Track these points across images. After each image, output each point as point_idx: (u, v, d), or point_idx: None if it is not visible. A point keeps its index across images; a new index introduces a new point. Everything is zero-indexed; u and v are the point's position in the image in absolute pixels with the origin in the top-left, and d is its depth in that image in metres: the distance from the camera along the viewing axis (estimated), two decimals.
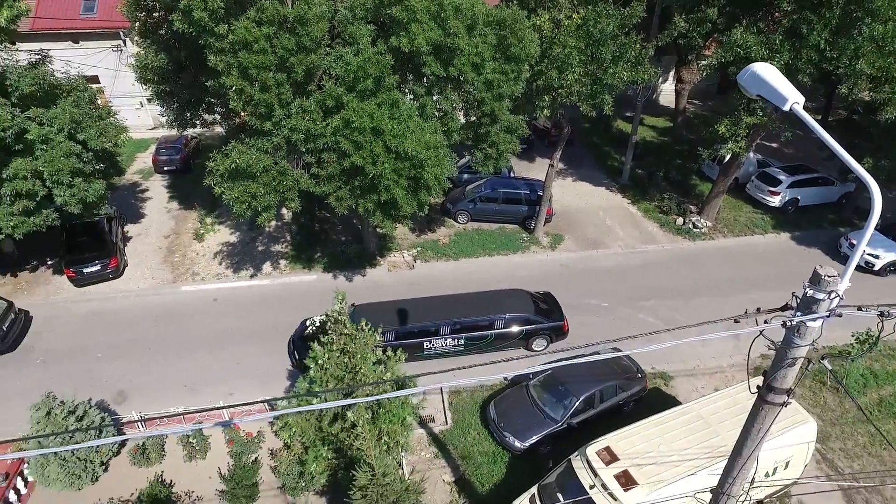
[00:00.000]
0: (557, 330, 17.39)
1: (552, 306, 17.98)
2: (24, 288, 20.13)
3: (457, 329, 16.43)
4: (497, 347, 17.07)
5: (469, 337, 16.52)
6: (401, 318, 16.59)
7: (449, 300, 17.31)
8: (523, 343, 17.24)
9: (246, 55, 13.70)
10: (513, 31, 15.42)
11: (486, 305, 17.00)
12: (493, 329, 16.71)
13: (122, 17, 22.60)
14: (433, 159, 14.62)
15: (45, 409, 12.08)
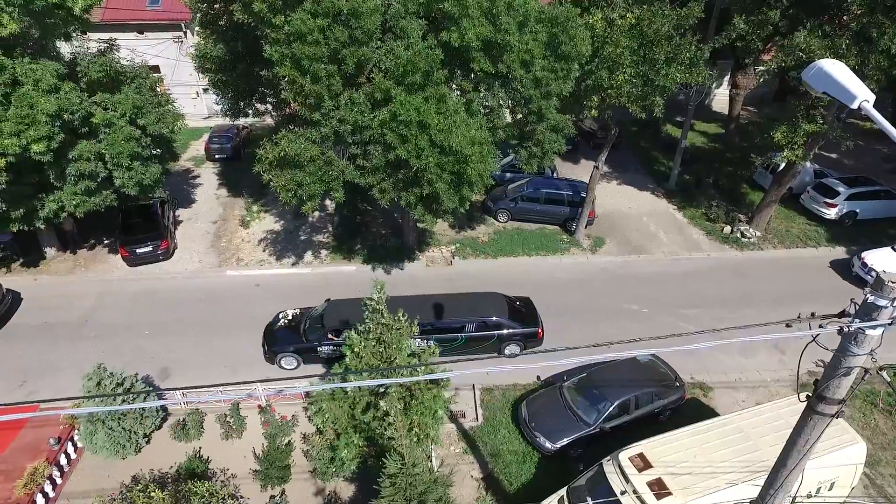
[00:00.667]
0: (530, 336, 16.88)
1: (528, 312, 17.48)
2: (81, 265, 21.18)
3: (427, 330, 15.91)
4: (469, 350, 16.73)
5: (438, 339, 15.84)
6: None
7: (423, 300, 16.83)
8: (496, 347, 16.85)
9: (300, 46, 14.02)
10: (564, 29, 15.26)
11: (460, 307, 16.66)
12: (464, 332, 16.41)
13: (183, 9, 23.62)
14: (477, 155, 14.61)
15: (96, 378, 12.68)
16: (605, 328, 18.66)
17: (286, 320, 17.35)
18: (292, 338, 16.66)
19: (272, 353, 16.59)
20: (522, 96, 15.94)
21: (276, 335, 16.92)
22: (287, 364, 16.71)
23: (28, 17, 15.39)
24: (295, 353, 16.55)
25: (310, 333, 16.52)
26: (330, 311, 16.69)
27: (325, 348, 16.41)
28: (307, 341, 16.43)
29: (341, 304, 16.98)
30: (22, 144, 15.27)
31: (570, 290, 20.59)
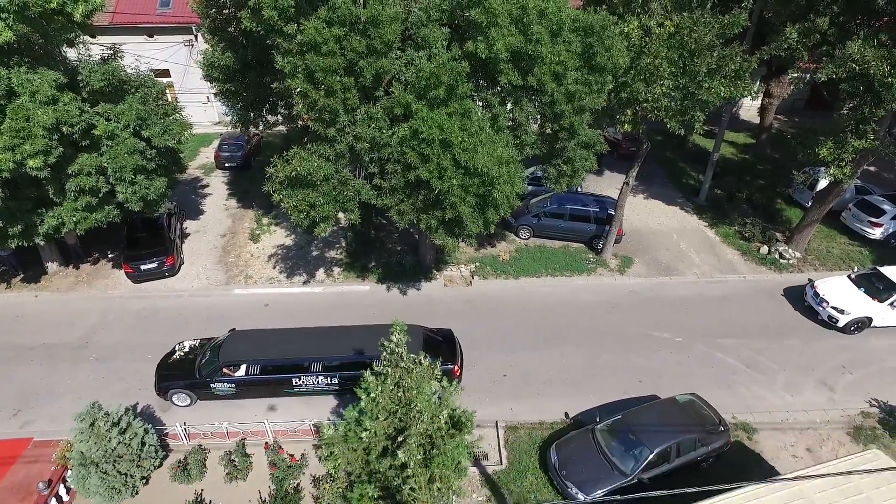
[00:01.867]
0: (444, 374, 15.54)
1: (447, 347, 15.84)
2: (84, 280, 20.25)
3: (332, 366, 14.85)
4: None
5: (344, 376, 14.85)
6: (274, 349, 15.03)
7: (331, 332, 15.56)
8: None
9: (313, 57, 12.91)
10: (600, 39, 14.01)
11: (369, 341, 14.74)
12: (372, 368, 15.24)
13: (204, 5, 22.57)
14: (505, 176, 13.41)
15: (90, 419, 11.65)
16: (636, 358, 17.39)
17: (182, 352, 15.89)
18: (185, 372, 15.18)
19: (162, 389, 15.12)
20: (553, 111, 14.69)
21: (169, 368, 15.46)
22: (179, 401, 15.27)
23: (25, 25, 14.40)
24: (187, 388, 15.06)
25: (204, 368, 15.06)
26: (227, 345, 15.24)
27: (219, 385, 14.92)
28: (200, 377, 14.95)
29: (242, 337, 15.70)
30: (17, 160, 14.31)
31: (596, 313, 19.32)
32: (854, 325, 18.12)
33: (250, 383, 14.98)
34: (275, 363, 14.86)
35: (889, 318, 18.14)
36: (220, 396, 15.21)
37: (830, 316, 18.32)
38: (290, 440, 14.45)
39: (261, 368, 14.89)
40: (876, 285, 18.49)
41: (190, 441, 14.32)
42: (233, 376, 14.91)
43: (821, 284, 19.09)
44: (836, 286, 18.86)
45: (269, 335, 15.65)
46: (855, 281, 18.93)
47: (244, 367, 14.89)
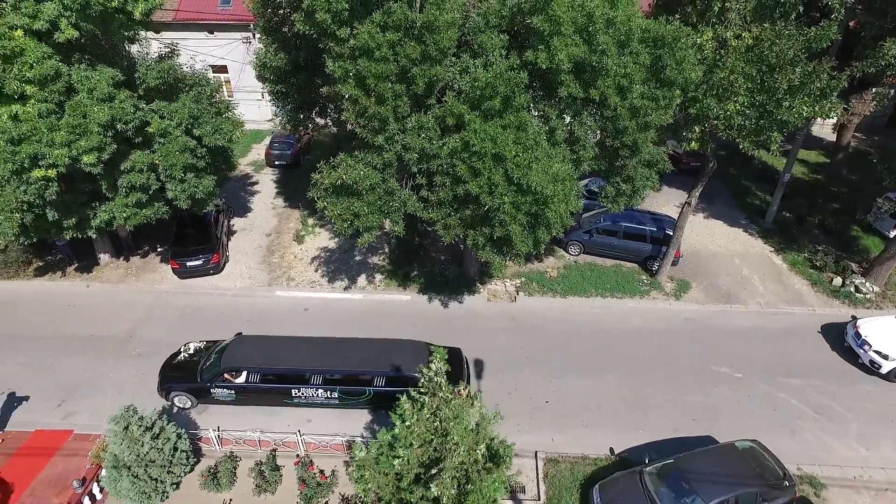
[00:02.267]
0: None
1: (455, 369, 14.72)
2: (133, 273, 20.59)
3: (332, 380, 14.38)
4: (378, 407, 14.73)
5: (344, 390, 14.43)
6: (276, 358, 14.72)
7: (337, 344, 15.14)
8: None
9: (365, 63, 12.43)
10: (671, 51, 12.96)
11: (373, 356, 14.53)
12: (372, 386, 14.39)
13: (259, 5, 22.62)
14: (560, 195, 12.57)
15: (124, 423, 11.55)
16: (691, 395, 16.18)
17: (187, 354, 15.76)
18: (187, 375, 15.06)
19: (164, 390, 15.04)
20: (615, 126, 13.72)
21: (172, 370, 15.36)
22: (180, 403, 15.17)
23: (87, 23, 14.55)
24: (188, 392, 14.94)
25: (206, 372, 14.90)
26: (230, 351, 15.00)
27: (219, 391, 14.77)
28: (201, 381, 14.79)
29: (247, 342, 15.45)
30: (73, 155, 14.49)
31: (648, 341, 18.16)
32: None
33: (250, 391, 14.76)
34: (275, 372, 14.56)
35: None
36: (221, 402, 15.06)
37: (872, 360, 16.59)
38: (322, 455, 14.07)
39: (261, 377, 14.62)
40: None
41: (222, 447, 14.14)
42: (233, 383, 14.71)
43: (864, 324, 17.35)
44: (883, 327, 17.08)
45: (273, 342, 15.42)
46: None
47: (245, 374, 14.64)
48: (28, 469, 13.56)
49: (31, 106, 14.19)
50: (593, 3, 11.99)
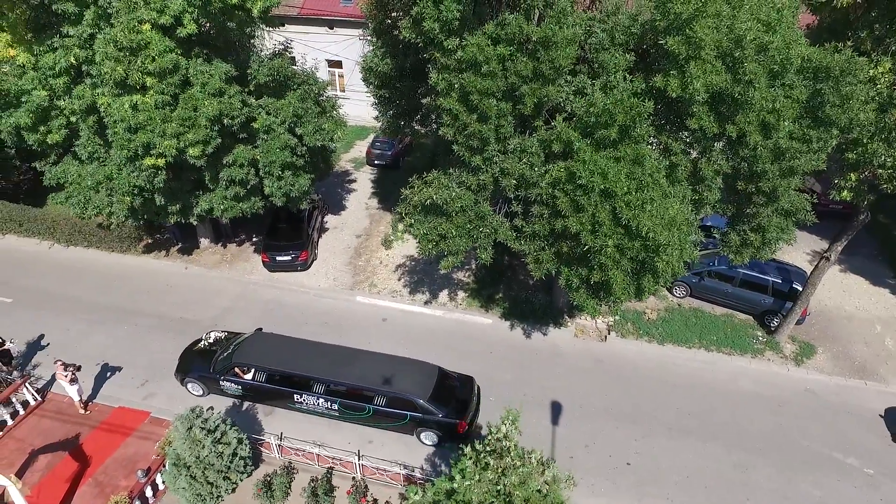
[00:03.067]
0: (447, 427, 13.73)
1: (460, 398, 14.30)
2: (228, 260, 21.23)
3: (335, 391, 14.10)
4: (381, 425, 14.34)
5: (344, 403, 14.11)
6: (285, 360, 14.60)
7: (337, 352, 14.85)
8: (411, 429, 14.11)
9: (471, 77, 11.45)
10: (836, 86, 10.76)
11: (375, 372, 14.05)
12: (372, 404, 13.94)
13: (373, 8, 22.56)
14: (675, 243, 10.87)
15: (188, 424, 11.51)
16: (805, 486, 13.77)
17: (207, 342, 16.02)
18: (202, 364, 15.29)
19: (181, 375, 15.41)
20: (752, 169, 11.72)
21: (190, 356, 15.68)
22: (193, 390, 15.47)
23: (206, 18, 14.84)
24: (200, 380, 15.20)
25: (218, 364, 15.07)
26: (244, 346, 15.15)
27: (228, 384, 14.89)
28: (213, 371, 15.00)
29: (263, 339, 15.53)
30: (180, 147, 14.87)
31: (757, 409, 15.78)
32: None
33: (255, 389, 14.84)
34: (281, 374, 14.49)
35: None
36: (229, 395, 15.24)
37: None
38: (378, 482, 13.41)
39: (267, 377, 14.57)
40: None
41: (282, 455, 13.93)
42: (241, 378, 14.77)
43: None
44: None
45: (288, 343, 15.34)
46: None
47: (253, 371, 14.67)
48: (106, 445, 14.14)
49: (149, 97, 14.70)
50: (745, 26, 10.16)
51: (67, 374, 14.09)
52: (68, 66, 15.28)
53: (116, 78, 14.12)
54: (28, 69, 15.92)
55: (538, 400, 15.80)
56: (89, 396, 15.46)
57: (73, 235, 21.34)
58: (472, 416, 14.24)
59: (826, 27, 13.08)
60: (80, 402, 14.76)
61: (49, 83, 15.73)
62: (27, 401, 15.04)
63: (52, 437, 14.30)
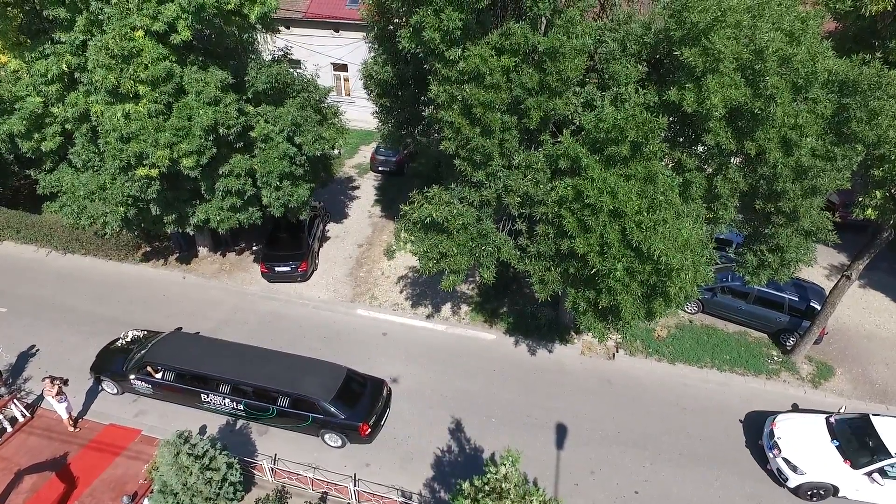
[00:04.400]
0: (349, 429, 13.71)
1: (366, 399, 14.21)
2: (226, 270, 20.77)
3: (241, 391, 14.05)
4: (286, 426, 14.28)
5: (249, 404, 14.09)
6: (196, 359, 14.61)
7: (243, 351, 15.00)
8: (315, 431, 14.03)
9: (473, 89, 10.86)
10: (863, 101, 10.05)
11: (286, 374, 14.05)
12: (276, 405, 13.86)
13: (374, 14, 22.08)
14: (688, 266, 10.22)
15: (175, 450, 11.00)
16: None
17: (125, 341, 15.98)
18: (116, 362, 15.25)
19: (95, 373, 15.37)
20: (772, 188, 11.03)
21: (107, 355, 15.63)
22: (107, 388, 15.50)
23: (202, 25, 14.35)
24: (113, 378, 15.20)
25: (132, 362, 15.07)
26: (158, 345, 15.21)
27: (139, 383, 14.86)
28: (125, 370, 14.97)
29: (177, 340, 15.72)
30: (173, 157, 14.40)
31: None
32: (812, 490, 12.70)
33: (165, 388, 14.77)
34: (190, 374, 14.44)
35: (863, 492, 12.49)
36: (140, 393, 15.20)
37: (779, 469, 13.05)
38: None
39: (175, 376, 14.52)
40: (856, 440, 12.89)
41: (275, 479, 13.41)
42: (151, 377, 14.71)
43: (782, 422, 13.78)
44: (802, 429, 13.47)
45: (202, 343, 15.54)
46: (832, 427, 13.36)
47: (162, 370, 14.63)
48: (94, 465, 13.70)
49: (142, 105, 14.24)
50: (767, 36, 9.49)
51: (54, 389, 13.64)
52: (60, 72, 14.85)
53: (108, 86, 13.68)
54: (22, 75, 15.53)
55: (542, 422, 15.18)
56: (80, 412, 15.03)
57: (70, 243, 20.99)
58: (376, 419, 14.20)
59: (852, 36, 12.36)
60: (68, 420, 14.31)
61: (42, 90, 15.33)
62: (15, 417, 14.63)
63: (40, 456, 13.89)
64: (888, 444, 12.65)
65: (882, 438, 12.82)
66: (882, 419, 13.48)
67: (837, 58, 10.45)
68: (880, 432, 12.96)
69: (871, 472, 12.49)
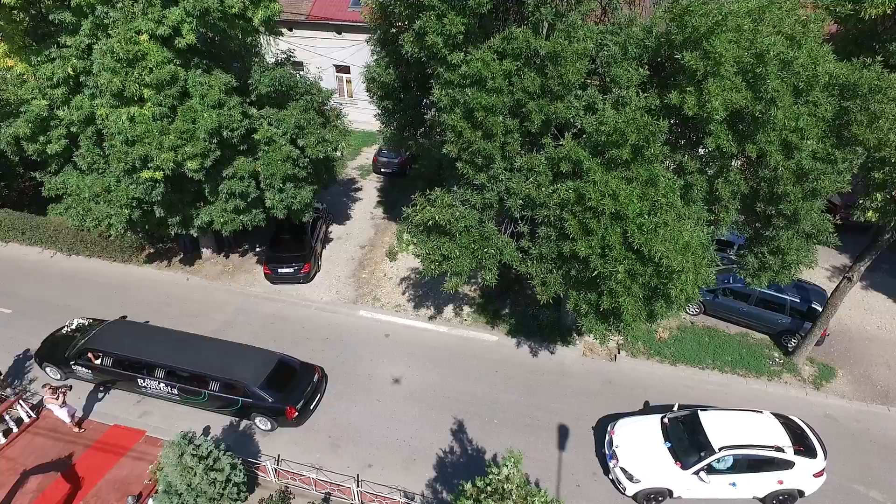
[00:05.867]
0: (277, 413, 14.21)
1: (297, 384, 14.72)
2: (230, 272, 20.87)
3: (175, 376, 14.55)
4: (218, 410, 14.80)
5: (182, 388, 14.59)
6: (135, 346, 15.09)
7: (195, 342, 15.44)
8: (246, 414, 14.58)
9: (475, 93, 10.94)
10: (864, 104, 10.11)
11: (219, 360, 14.60)
12: (208, 389, 14.38)
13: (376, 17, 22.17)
14: (690, 268, 10.27)
15: (179, 451, 11.09)
16: None
17: (70, 329, 16.46)
18: (60, 349, 15.65)
19: (39, 358, 15.80)
20: (772, 190, 11.09)
21: (52, 342, 16.07)
22: (51, 374, 15.86)
23: (206, 29, 14.45)
24: (56, 364, 15.56)
25: (74, 349, 15.39)
26: (100, 332, 15.65)
27: (80, 369, 15.27)
28: (67, 356, 15.35)
29: (120, 327, 16.17)
30: (178, 160, 14.50)
31: None
32: (648, 497, 12.59)
33: (104, 373, 15.18)
34: (128, 360, 14.88)
35: (694, 491, 12.34)
36: (82, 379, 15.57)
37: (617, 479, 12.85)
38: None
39: (114, 362, 14.95)
40: (686, 439, 12.71)
41: (279, 479, 13.49)
42: (91, 363, 15.09)
43: (620, 428, 13.56)
44: (639, 433, 13.24)
45: (144, 331, 16.14)
46: (666, 427, 13.16)
47: (101, 356, 15.03)
48: (99, 466, 13.79)
49: (147, 109, 14.35)
50: (767, 40, 9.55)
51: (58, 398, 13.76)
52: (66, 76, 14.97)
53: (113, 89, 13.79)
54: (28, 78, 15.66)
55: (544, 423, 15.24)
56: (84, 414, 15.13)
57: (74, 244, 21.12)
58: (304, 403, 14.59)
59: (853, 39, 12.41)
60: (72, 423, 14.41)
61: (47, 93, 15.45)
62: (20, 418, 14.74)
63: (45, 457, 13.99)
64: (713, 440, 12.53)
65: (707, 434, 12.68)
66: (709, 413, 13.41)
67: (838, 61, 10.51)
68: (706, 428, 12.80)
69: (698, 471, 12.34)
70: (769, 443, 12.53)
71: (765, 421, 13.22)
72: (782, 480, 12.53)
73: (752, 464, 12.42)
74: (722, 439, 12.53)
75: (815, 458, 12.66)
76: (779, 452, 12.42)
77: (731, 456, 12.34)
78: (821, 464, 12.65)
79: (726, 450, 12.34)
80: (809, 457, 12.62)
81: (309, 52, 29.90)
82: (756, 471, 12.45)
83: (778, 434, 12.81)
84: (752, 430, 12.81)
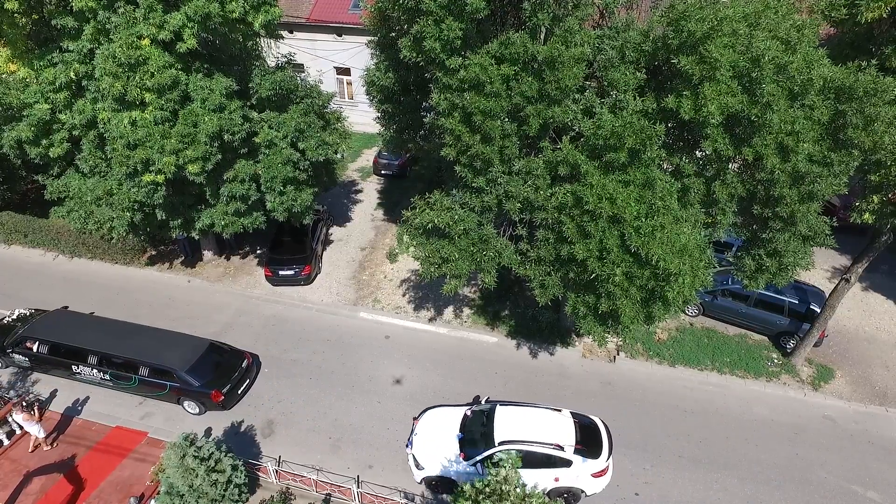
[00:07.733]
0: (203, 397, 14.82)
1: (225, 372, 15.23)
2: (231, 274, 20.98)
3: (107, 361, 15.11)
4: (148, 394, 15.39)
5: (114, 374, 15.16)
6: (71, 334, 15.64)
7: (129, 329, 16.01)
8: (175, 398, 15.14)
9: (473, 97, 11.04)
10: (859, 108, 10.19)
11: (150, 347, 15.23)
12: (137, 374, 14.98)
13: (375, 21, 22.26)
14: (687, 271, 10.36)
15: (181, 452, 11.19)
16: None
17: (11, 318, 16.95)
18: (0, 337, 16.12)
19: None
20: (769, 193, 11.18)
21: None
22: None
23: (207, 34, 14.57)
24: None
25: (12, 337, 15.92)
26: (39, 321, 16.27)
27: (17, 356, 15.84)
28: (4, 344, 15.87)
29: (58, 317, 16.63)
30: (179, 164, 14.61)
31: (772, 437, 15.16)
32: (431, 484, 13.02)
33: (41, 360, 15.69)
34: (63, 346, 15.39)
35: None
36: (20, 366, 16.17)
37: (411, 465, 13.22)
38: None
39: (49, 349, 15.47)
40: (477, 432, 13.11)
41: (280, 480, 13.59)
42: (29, 350, 15.57)
43: (425, 418, 13.99)
44: (440, 423, 13.51)
45: (82, 320, 16.65)
46: (466, 420, 13.47)
47: (37, 343, 15.52)
48: (102, 467, 13.91)
49: (148, 113, 14.46)
50: (763, 45, 9.64)
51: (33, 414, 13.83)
52: (68, 80, 15.09)
53: (115, 93, 13.91)
54: (30, 83, 15.79)
55: None
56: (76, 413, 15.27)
57: (76, 247, 21.24)
58: (231, 387, 15.09)
59: (848, 42, 12.50)
60: (44, 440, 14.28)
61: (50, 97, 15.57)
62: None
63: (48, 458, 14.11)
64: (497, 434, 12.61)
65: (494, 428, 12.77)
66: (506, 408, 13.47)
67: (834, 65, 10.60)
68: (496, 422, 12.90)
69: (477, 462, 12.43)
70: (551, 440, 12.47)
71: (558, 419, 13.16)
72: (558, 478, 12.52)
73: (531, 460, 12.28)
74: (505, 434, 12.58)
75: (598, 458, 12.57)
76: (558, 450, 12.35)
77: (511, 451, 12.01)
78: (602, 464, 12.56)
79: (505, 444, 12.30)
80: (591, 457, 12.52)
81: (309, 54, 30.04)
82: (534, 467, 12.33)
83: (566, 432, 12.74)
84: (540, 427, 12.77)
